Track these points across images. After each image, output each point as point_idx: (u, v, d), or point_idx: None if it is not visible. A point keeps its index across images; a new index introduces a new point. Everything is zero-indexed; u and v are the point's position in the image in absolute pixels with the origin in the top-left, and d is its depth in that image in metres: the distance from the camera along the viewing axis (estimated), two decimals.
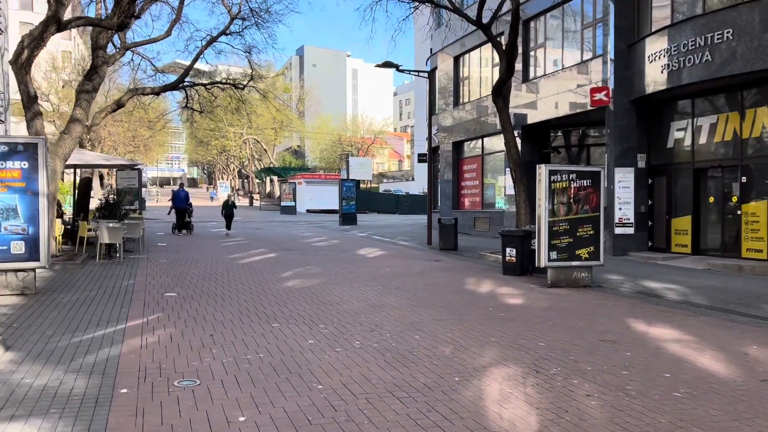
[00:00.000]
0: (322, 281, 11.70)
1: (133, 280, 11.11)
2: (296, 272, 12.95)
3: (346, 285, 11.28)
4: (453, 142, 27.34)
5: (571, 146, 23.14)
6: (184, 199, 23.47)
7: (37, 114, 12.78)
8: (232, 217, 24.21)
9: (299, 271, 13.09)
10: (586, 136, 22.30)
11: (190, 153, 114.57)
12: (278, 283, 11.38)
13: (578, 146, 22.90)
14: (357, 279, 12.11)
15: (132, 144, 65.26)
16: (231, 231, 23.77)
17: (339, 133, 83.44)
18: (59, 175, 13.05)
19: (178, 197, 23.59)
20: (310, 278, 12.08)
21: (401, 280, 12.13)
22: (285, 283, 11.40)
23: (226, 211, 24.08)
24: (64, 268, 12.23)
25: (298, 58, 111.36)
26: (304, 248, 18.70)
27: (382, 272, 13.27)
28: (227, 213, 24.03)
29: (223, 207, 24.38)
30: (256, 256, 16.18)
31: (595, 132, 21.59)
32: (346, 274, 12.87)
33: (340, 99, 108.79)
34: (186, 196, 23.64)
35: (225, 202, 24.69)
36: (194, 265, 13.73)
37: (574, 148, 23.24)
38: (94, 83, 13.50)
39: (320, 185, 50.83)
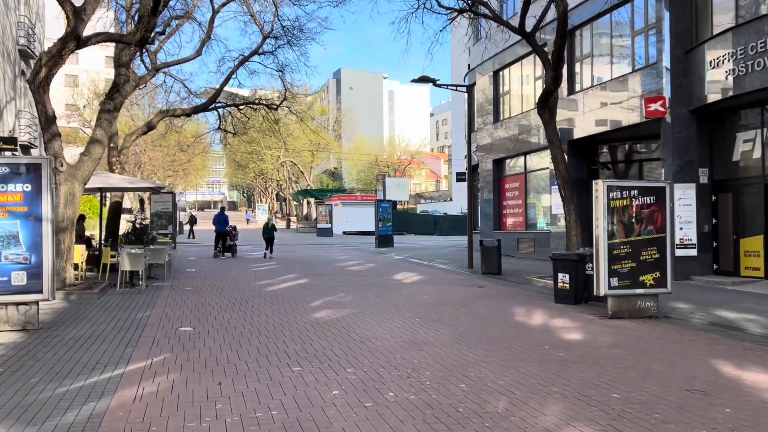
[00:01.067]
0: (353, 312, 10.60)
1: (150, 312, 10.21)
2: (326, 301, 11.89)
3: (380, 316, 10.15)
4: (493, 160, 26.11)
5: (621, 162, 21.66)
6: (222, 223, 23.18)
7: (56, 135, 12.16)
8: (272, 240, 23.80)
9: (330, 300, 12.03)
10: (636, 150, 20.81)
11: (229, 177, 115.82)
12: (305, 314, 10.33)
13: (628, 162, 21.40)
14: (392, 309, 10.98)
15: (171, 168, 65.89)
16: (271, 254, 23.36)
17: (375, 155, 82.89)
18: (78, 198, 12.36)
19: (217, 220, 23.40)
20: (341, 308, 11.00)
21: (441, 309, 10.94)
22: (313, 314, 10.34)
23: (267, 234, 23.75)
24: (81, 298, 11.45)
25: (334, 81, 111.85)
26: (338, 273, 17.68)
27: (420, 300, 12.10)
28: (267, 236, 23.67)
29: (264, 230, 24.06)
30: (286, 282, 15.21)
31: (647, 146, 20.11)
32: (380, 302, 11.75)
33: (377, 120, 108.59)
34: (225, 220, 23.34)
35: (265, 225, 24.40)
36: (218, 294, 12.82)
37: (624, 164, 21.75)
38: (116, 102, 12.87)
39: (356, 207, 50.01)
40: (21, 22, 22.38)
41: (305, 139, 67.86)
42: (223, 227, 23.21)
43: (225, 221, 23.35)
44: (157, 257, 14.88)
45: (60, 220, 12.10)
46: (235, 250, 23.62)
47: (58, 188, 12.21)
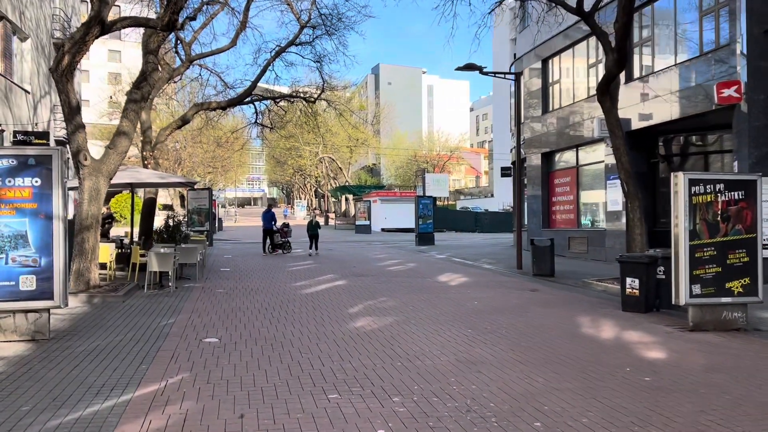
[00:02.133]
0: (396, 320, 9.52)
1: (175, 318, 9.33)
2: (366, 307, 10.84)
3: (427, 326, 9.05)
4: (542, 153, 24.66)
5: (683, 154, 20.02)
6: (269, 220, 23.15)
7: (80, 127, 11.41)
8: (316, 237, 23.55)
9: (370, 306, 10.98)
10: (701, 142, 19.15)
11: (269, 173, 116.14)
12: (344, 322, 9.30)
13: (692, 154, 19.77)
14: (440, 317, 9.86)
15: (210, 165, 66.00)
16: (317, 251, 23.26)
17: (414, 150, 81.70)
18: (103, 194, 11.61)
19: (264, 218, 23.53)
20: (383, 315, 9.93)
21: (495, 318, 9.77)
22: (352, 322, 9.30)
23: (311, 231, 23.46)
24: (104, 301, 10.67)
25: (373, 76, 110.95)
26: (378, 273, 16.63)
27: (470, 307, 10.94)
28: (312, 233, 23.39)
29: (308, 228, 23.74)
30: (324, 283, 14.24)
31: (714, 137, 18.44)
32: (425, 309, 10.64)
33: (416, 116, 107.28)
34: (271, 217, 23.30)
35: (309, 223, 24.11)
36: (251, 297, 11.91)
37: (687, 157, 20.11)
38: (143, 92, 12.07)
39: (395, 203, 48.94)
40: (56, 15, 21.97)
41: (344, 134, 67.22)
42: (269, 224, 23.04)
43: (272, 218, 23.23)
44: (188, 257, 14.09)
45: (84, 217, 11.37)
46: (288, 247, 23.47)
47: (82, 184, 11.48)
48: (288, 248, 23.53)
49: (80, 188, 11.46)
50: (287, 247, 23.54)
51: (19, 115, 18.64)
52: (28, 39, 19.65)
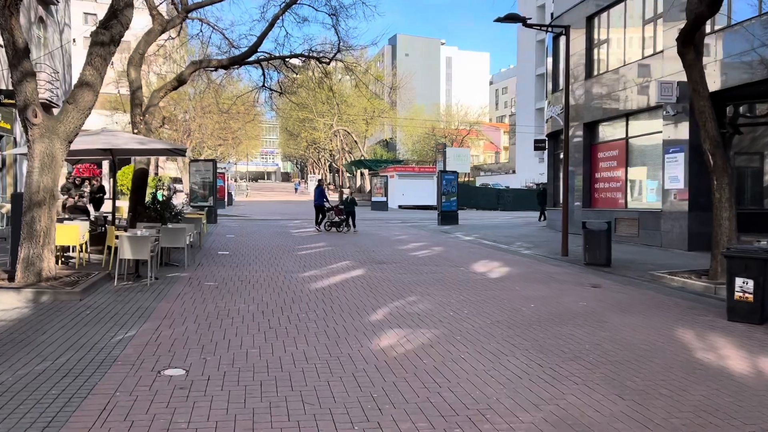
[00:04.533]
0: (436, 336, 7.03)
1: (137, 329, 6.91)
2: (393, 311, 8.36)
3: (480, 347, 6.56)
4: (584, 124, 21.85)
5: (760, 124, 17.22)
6: (319, 195, 22.11)
7: (28, 74, 8.93)
8: (353, 214, 22.17)
9: (398, 310, 8.49)
10: None
11: (282, 147, 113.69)
12: (365, 339, 6.83)
13: None
14: (493, 331, 7.36)
15: (221, 137, 63.53)
16: (354, 229, 22.08)
17: (432, 124, 78.65)
18: (60, 161, 9.14)
19: (315, 193, 22.64)
20: (416, 327, 7.45)
21: (567, 332, 7.25)
22: (376, 339, 6.83)
23: (347, 208, 21.81)
24: (54, 300, 8.28)
25: (390, 47, 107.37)
26: (401, 260, 14.14)
27: (527, 313, 8.43)
28: (348, 210, 21.78)
29: (344, 204, 21.96)
30: (338, 273, 11.78)
31: None
32: (470, 316, 8.14)
33: (434, 88, 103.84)
34: (321, 192, 22.18)
35: (345, 199, 22.35)
36: (247, 293, 9.48)
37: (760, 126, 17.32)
38: (113, 32, 9.53)
39: (413, 179, 46.33)
40: None
41: (360, 106, 64.36)
42: (320, 200, 21.97)
43: (322, 194, 22.07)
44: (173, 239, 11.66)
45: (33, 191, 8.93)
46: (347, 225, 21.95)
47: (31, 147, 9.02)
48: (347, 226, 21.94)
49: (29, 153, 9.01)
50: (347, 225, 21.97)
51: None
52: None
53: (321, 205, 22.02)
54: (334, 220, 21.89)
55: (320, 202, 22.04)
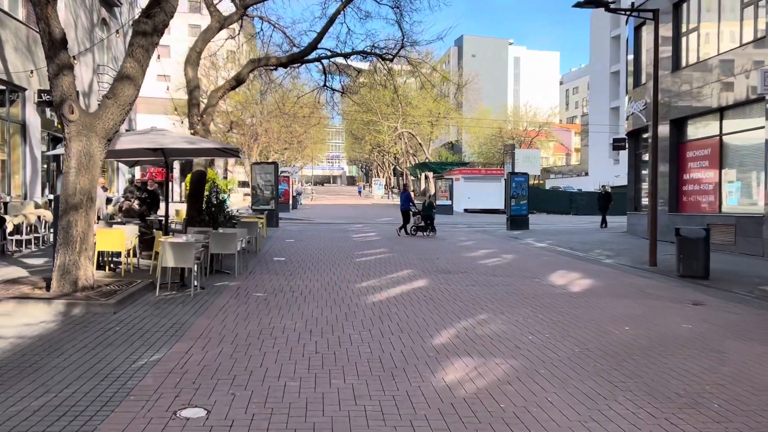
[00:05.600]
0: (513, 369, 5.80)
1: (165, 352, 6.02)
2: (461, 333, 7.16)
3: (571, 388, 5.29)
4: (670, 120, 19.90)
5: None
6: (405, 200, 22.20)
7: (65, 67, 8.28)
8: (432, 218, 21.77)
9: (465, 329, 7.29)
10: None
11: (347, 150, 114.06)
12: (426, 368, 5.69)
13: None
14: (583, 363, 6.05)
15: (287, 141, 63.79)
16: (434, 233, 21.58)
17: (499, 125, 76.49)
18: (98, 160, 8.46)
19: (401, 198, 22.81)
20: (489, 356, 6.24)
21: (673, 365, 5.87)
22: (439, 369, 5.68)
23: (425, 212, 21.73)
24: (86, 313, 7.56)
25: (456, 49, 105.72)
26: (468, 269, 12.90)
27: (622, 338, 7.05)
28: (426, 214, 21.66)
29: (423, 208, 21.75)
30: (399, 284, 10.67)
31: None
32: (554, 342, 6.85)
33: (501, 89, 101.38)
34: (408, 197, 22.29)
35: (423, 203, 22.17)
36: (297, 305, 8.51)
37: None
38: (156, 21, 8.81)
39: (480, 181, 44.73)
40: None
41: (424, 108, 63.24)
42: (406, 205, 22.01)
43: (408, 199, 22.17)
44: (223, 245, 10.87)
45: (70, 193, 8.28)
46: (432, 229, 21.63)
47: (68, 146, 8.37)
48: (432, 230, 21.59)
49: (66, 152, 8.37)
50: (431, 229, 21.59)
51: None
52: None
53: (407, 209, 21.96)
54: (420, 224, 21.69)
55: (407, 206, 22.03)
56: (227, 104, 56.63)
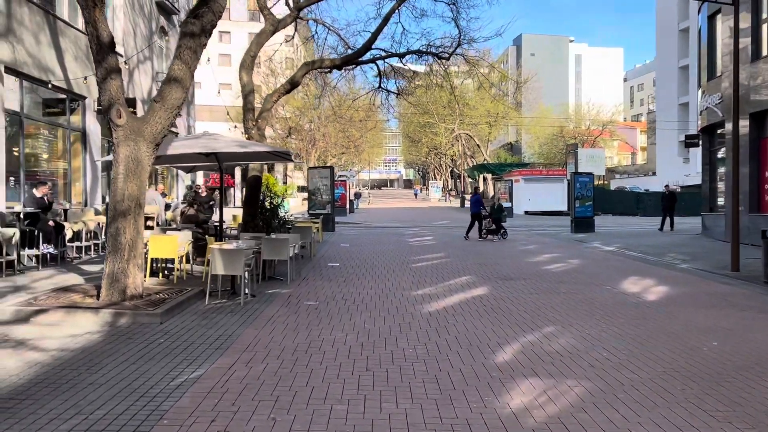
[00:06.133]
0: (585, 389, 5.14)
1: (207, 367, 5.66)
2: (524, 347, 6.52)
3: (652, 413, 4.60)
4: (750, 114, 18.46)
5: None
6: (475, 204, 21.53)
7: (113, 71, 8.11)
8: (500, 221, 21.16)
9: (530, 344, 6.65)
10: None
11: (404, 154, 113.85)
12: (488, 390, 5.10)
13: None
14: (664, 383, 5.33)
15: (344, 145, 63.96)
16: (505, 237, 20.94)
17: (561, 125, 74.42)
18: (146, 166, 8.26)
19: (472, 201, 22.07)
20: (557, 373, 5.59)
21: None
22: (503, 392, 5.07)
23: (494, 215, 21.20)
24: (132, 323, 7.32)
25: (514, 48, 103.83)
26: (531, 275, 12.16)
27: (707, 355, 6.24)
28: (496, 217, 21.12)
29: (492, 211, 21.18)
30: (456, 292, 10.08)
31: None
32: (628, 358, 6.13)
33: (562, 88, 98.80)
34: (477, 200, 21.57)
35: (492, 206, 21.80)
36: (349, 315, 8.05)
37: None
38: (204, 22, 8.57)
39: (541, 183, 43.42)
40: None
41: (482, 108, 62.08)
42: (477, 208, 21.35)
43: (479, 202, 21.46)
44: (275, 251, 10.56)
45: (118, 199, 8.10)
46: (504, 234, 21.10)
47: (116, 151, 8.21)
48: (503, 234, 21.07)
49: (114, 158, 8.21)
50: (502, 232, 21.08)
51: None
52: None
53: (478, 212, 21.36)
54: (491, 227, 21.04)
55: (477, 209, 21.42)
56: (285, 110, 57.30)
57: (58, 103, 14.26)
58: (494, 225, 21.10)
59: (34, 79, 12.76)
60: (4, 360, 5.71)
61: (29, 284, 10.05)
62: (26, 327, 7.00)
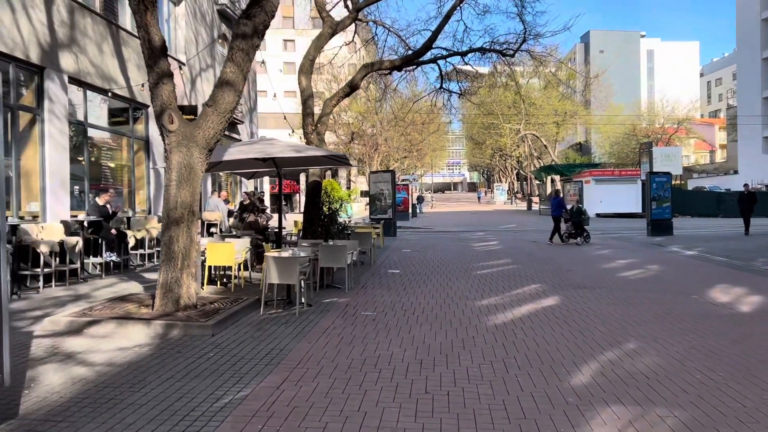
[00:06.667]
0: (679, 420, 4.43)
1: (254, 386, 5.27)
2: (604, 366, 5.81)
3: None
4: None
5: None
6: (557, 207, 20.69)
7: (165, 76, 7.94)
8: (581, 225, 19.94)
9: (610, 363, 5.93)
10: None
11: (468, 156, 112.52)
12: (564, 419, 4.47)
13: None
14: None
15: (406, 149, 63.57)
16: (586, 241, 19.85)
17: (633, 123, 71.43)
18: (199, 172, 8.03)
19: (552, 204, 21.34)
20: (644, 399, 4.88)
21: None
22: (582, 424, 4.42)
23: (574, 218, 20.02)
24: (183, 335, 7.07)
25: (582, 45, 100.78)
26: (607, 283, 11.28)
27: None
28: (576, 221, 19.95)
29: (571, 214, 20.26)
30: (525, 302, 9.38)
31: None
32: (726, 381, 5.33)
33: (633, 85, 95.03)
34: (559, 203, 20.79)
35: (571, 208, 20.69)
36: (408, 327, 7.53)
37: None
38: (256, 22, 8.27)
39: (613, 183, 41.51)
40: None
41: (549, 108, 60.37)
42: (558, 211, 20.49)
43: (560, 205, 20.68)
44: (332, 259, 10.18)
45: (171, 207, 7.90)
46: (587, 237, 20.01)
47: (168, 158, 8.02)
48: (586, 238, 19.97)
49: (167, 165, 8.02)
50: (586, 236, 19.98)
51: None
52: (182, 2, 17.43)
53: (559, 215, 20.43)
54: (572, 231, 20.07)
55: (558, 213, 20.48)
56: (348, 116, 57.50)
57: (122, 112, 14.45)
58: (575, 228, 20.08)
59: (97, 88, 12.93)
60: (49, 375, 5.52)
61: (90, 293, 10.07)
62: (78, 339, 6.85)
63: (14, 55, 10.24)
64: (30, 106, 10.99)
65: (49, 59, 11.17)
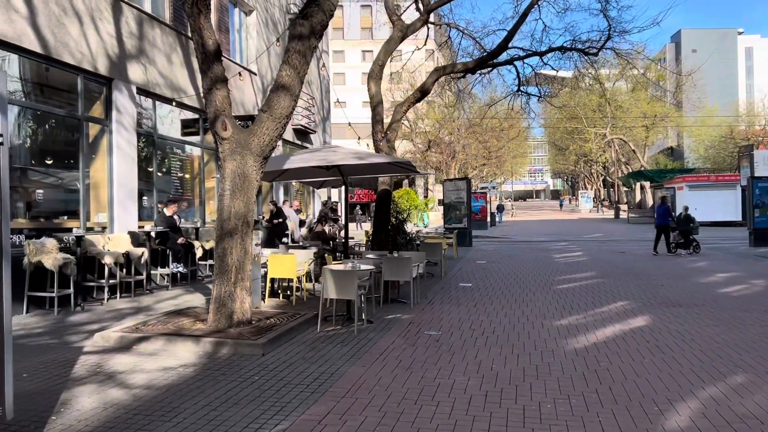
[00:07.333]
0: None
1: (295, 419, 4.72)
2: (706, 405, 4.85)
3: None
4: None
5: None
6: (663, 214, 19.32)
7: (219, 81, 7.62)
8: (689, 233, 18.70)
9: (714, 401, 4.95)
10: None
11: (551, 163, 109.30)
12: None
13: None
14: None
15: (485, 156, 62.19)
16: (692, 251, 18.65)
17: (730, 125, 66.78)
18: (254, 182, 7.64)
19: (658, 212, 20.05)
20: None
21: None
22: None
23: (682, 227, 18.82)
24: (233, 354, 6.64)
25: (672, 45, 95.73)
26: (705, 300, 10.04)
27: None
28: (683, 229, 18.75)
29: (678, 221, 19.07)
30: (610, 322, 8.38)
31: None
32: None
33: (730, 85, 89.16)
34: (665, 211, 19.41)
35: (679, 215, 19.46)
36: (475, 350, 6.78)
37: None
38: (313, 22, 7.83)
39: (708, 190, 38.66)
40: None
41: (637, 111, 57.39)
42: (665, 220, 19.18)
43: (667, 213, 19.30)
44: (396, 271, 9.56)
45: (225, 217, 7.55)
46: (697, 247, 18.76)
47: (222, 166, 7.68)
48: (696, 248, 18.75)
49: (221, 173, 7.69)
50: (695, 246, 18.76)
51: (241, 99, 16.37)
52: (253, 12, 17.43)
53: (665, 224, 19.12)
54: (680, 241, 18.82)
55: (665, 221, 19.16)
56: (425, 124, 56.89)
57: (193, 123, 14.50)
58: (683, 238, 18.62)
59: (166, 99, 12.97)
60: (83, 399, 5.19)
61: (152, 305, 9.94)
62: (125, 356, 6.57)
63: (82, 66, 10.33)
64: (98, 118, 11.08)
65: (117, 70, 11.25)
